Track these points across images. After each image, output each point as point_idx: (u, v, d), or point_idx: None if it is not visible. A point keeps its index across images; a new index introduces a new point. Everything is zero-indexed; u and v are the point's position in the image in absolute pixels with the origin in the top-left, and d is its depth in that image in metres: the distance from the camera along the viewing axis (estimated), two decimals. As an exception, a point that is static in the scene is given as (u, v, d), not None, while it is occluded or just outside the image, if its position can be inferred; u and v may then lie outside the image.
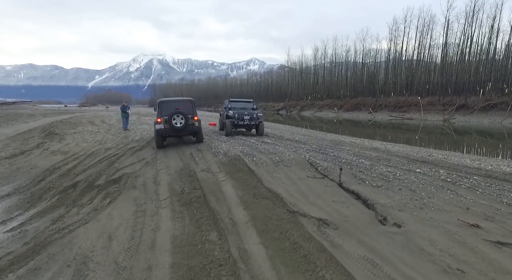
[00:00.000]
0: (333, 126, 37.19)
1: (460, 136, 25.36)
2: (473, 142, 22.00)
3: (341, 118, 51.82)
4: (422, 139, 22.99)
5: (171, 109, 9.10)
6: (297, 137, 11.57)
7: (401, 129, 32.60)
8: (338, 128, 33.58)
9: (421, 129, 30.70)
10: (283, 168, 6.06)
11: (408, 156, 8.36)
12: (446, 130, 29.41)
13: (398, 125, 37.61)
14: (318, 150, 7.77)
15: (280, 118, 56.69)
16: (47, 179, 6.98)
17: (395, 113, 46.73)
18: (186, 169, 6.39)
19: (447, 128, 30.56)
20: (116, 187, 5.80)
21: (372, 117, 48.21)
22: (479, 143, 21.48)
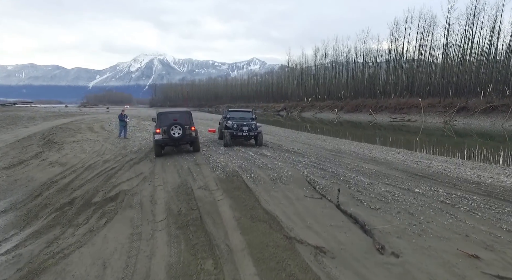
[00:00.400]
0: (334, 128, 37.11)
1: (461, 138, 25.28)
2: (474, 145, 21.94)
3: (342, 119, 51.79)
4: (423, 141, 22.92)
5: (169, 120, 9.60)
6: (296, 147, 11.51)
7: (402, 131, 32.53)
8: (339, 130, 33.53)
9: (422, 132, 30.65)
10: (281, 186, 6.01)
11: (407, 169, 8.30)
12: (447, 133, 29.32)
13: (398, 127, 37.52)
14: (316, 165, 7.71)
15: (281, 120, 56.68)
16: (44, 194, 6.93)
17: (395, 115, 46.64)
18: (184, 185, 6.34)
19: (448, 131, 30.48)
20: (113, 206, 5.75)
21: (372, 118, 48.14)
22: (480, 146, 21.41)
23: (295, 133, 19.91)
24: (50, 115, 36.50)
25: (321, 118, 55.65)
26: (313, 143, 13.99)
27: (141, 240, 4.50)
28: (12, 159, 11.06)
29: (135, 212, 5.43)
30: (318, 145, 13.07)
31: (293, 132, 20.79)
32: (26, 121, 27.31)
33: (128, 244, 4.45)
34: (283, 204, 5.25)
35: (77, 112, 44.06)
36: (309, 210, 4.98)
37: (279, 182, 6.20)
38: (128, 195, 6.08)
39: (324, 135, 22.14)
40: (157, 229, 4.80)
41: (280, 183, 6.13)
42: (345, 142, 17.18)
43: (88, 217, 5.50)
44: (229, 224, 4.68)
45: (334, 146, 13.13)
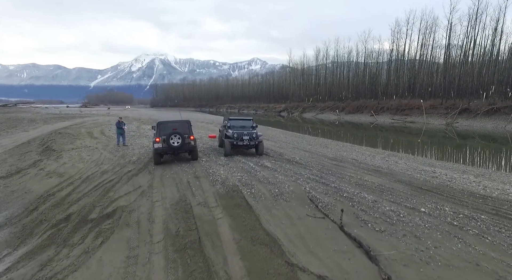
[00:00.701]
0: (335, 129, 36.95)
1: (463, 140, 25.10)
2: (477, 147, 21.77)
3: (343, 120, 51.60)
4: (425, 144, 22.74)
5: (169, 130, 9.78)
6: (297, 155, 11.33)
7: (403, 133, 32.35)
8: (340, 132, 33.33)
9: (424, 134, 30.47)
10: (282, 203, 5.84)
11: (411, 181, 8.11)
12: (448, 135, 29.13)
13: (400, 128, 37.31)
14: (319, 178, 7.53)
15: (282, 120, 56.51)
16: (40, 209, 6.78)
17: (397, 117, 46.41)
18: (182, 201, 6.17)
19: (450, 133, 30.29)
20: (110, 223, 5.60)
21: (374, 120, 47.92)
22: (483, 148, 21.24)
23: (297, 138, 19.73)
24: (50, 117, 36.44)
25: (322, 120, 55.49)
26: (314, 149, 13.80)
27: (137, 264, 4.34)
28: (10, 167, 10.93)
29: (132, 231, 5.27)
30: (320, 152, 12.88)
31: (294, 137, 20.61)
32: (26, 124, 27.24)
33: (123, 268, 4.29)
34: (284, 224, 5.07)
35: (77, 114, 44.00)
36: (312, 231, 4.80)
37: (280, 198, 6.03)
38: (125, 212, 5.92)
39: (325, 139, 21.98)
40: (154, 251, 4.64)
41: (282, 200, 5.96)
42: (346, 146, 16.99)
43: (84, 236, 5.35)
44: (228, 248, 4.51)
45: (336, 153, 12.94)
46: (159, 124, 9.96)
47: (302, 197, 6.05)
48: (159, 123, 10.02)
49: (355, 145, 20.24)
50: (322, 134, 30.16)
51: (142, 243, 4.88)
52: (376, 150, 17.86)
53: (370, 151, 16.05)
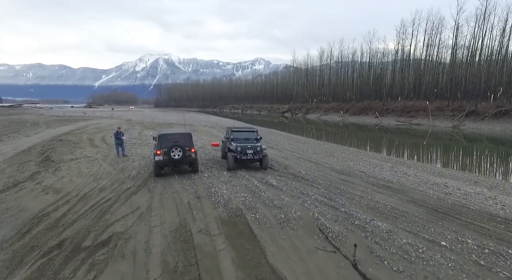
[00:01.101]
0: (339, 131, 36.39)
1: (470, 143, 24.50)
2: (484, 150, 21.19)
3: (347, 122, 51.02)
4: (432, 147, 22.16)
5: (170, 142, 9.63)
6: (303, 168, 10.90)
7: (409, 135, 31.77)
8: (344, 134, 32.77)
9: (430, 136, 29.91)
10: (289, 231, 5.43)
11: (425, 199, 7.63)
12: (455, 137, 28.53)
13: (405, 130, 36.70)
14: (327, 200, 7.08)
15: (285, 121, 56.07)
16: (33, 232, 6.44)
17: (402, 119, 45.74)
18: (182, 227, 5.78)
19: (457, 135, 29.69)
20: (104, 254, 5.22)
21: (378, 122, 47.27)
22: (491, 152, 20.68)
23: (301, 144, 19.26)
24: (54, 120, 36.35)
25: (326, 121, 54.95)
26: (320, 159, 13.35)
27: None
28: (8, 179, 10.65)
29: (127, 264, 4.89)
30: (326, 163, 12.43)
31: (298, 143, 20.14)
32: (29, 129, 27.10)
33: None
34: (292, 259, 4.66)
35: (80, 116, 43.86)
36: (322, 269, 4.38)
37: (287, 226, 5.61)
38: (121, 240, 5.55)
39: (330, 143, 21.47)
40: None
41: (288, 228, 5.54)
42: (353, 153, 16.51)
43: (76, 269, 4.98)
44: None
45: (343, 164, 12.49)
46: (161, 137, 9.84)
47: (310, 225, 5.62)
48: (160, 135, 9.91)
49: (361, 150, 19.75)
50: (327, 137, 29.70)
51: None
52: (383, 156, 17.38)
53: (377, 157, 15.57)
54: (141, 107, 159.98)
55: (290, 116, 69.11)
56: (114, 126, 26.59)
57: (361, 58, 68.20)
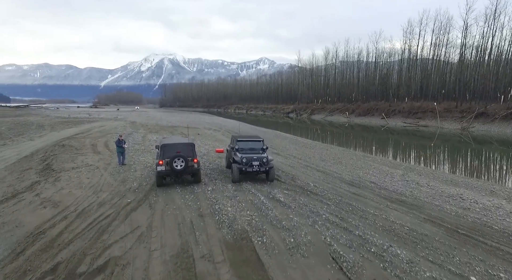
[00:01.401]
0: (345, 132, 35.74)
1: (480, 145, 23.80)
2: (494, 152, 20.52)
3: (353, 123, 50.33)
4: (439, 149, 21.52)
5: (172, 153, 9.41)
6: (311, 179, 10.45)
7: (416, 137, 31.12)
8: (350, 135, 32.16)
9: (438, 138, 29.24)
10: (299, 259, 5.00)
11: (443, 218, 7.13)
12: (464, 139, 27.84)
13: (412, 132, 35.99)
14: (339, 220, 6.61)
15: (291, 122, 55.57)
16: (27, 252, 6.10)
17: (409, 120, 44.93)
18: (184, 252, 5.39)
19: (465, 138, 29.01)
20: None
21: (385, 123, 46.50)
22: (502, 154, 20.00)
23: (308, 149, 18.79)
24: (58, 122, 36.35)
25: (332, 122, 54.33)
26: (328, 167, 12.88)
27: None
28: (7, 188, 10.40)
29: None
30: (335, 172, 11.95)
31: (305, 147, 19.66)
32: (33, 131, 27.03)
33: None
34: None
35: (85, 118, 43.81)
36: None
37: (297, 252, 5.18)
38: (118, 266, 5.17)
39: (337, 147, 20.94)
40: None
41: (299, 255, 5.11)
42: (361, 157, 16.01)
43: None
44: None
45: (352, 173, 12.01)
46: (163, 147, 9.67)
47: (322, 252, 5.19)
48: (162, 145, 9.73)
49: (369, 154, 19.23)
50: (333, 140, 29.14)
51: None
52: (392, 161, 16.85)
53: (386, 163, 15.05)
54: (146, 107, 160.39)
55: (295, 117, 68.56)
56: (118, 130, 26.38)
57: (367, 58, 67.36)
